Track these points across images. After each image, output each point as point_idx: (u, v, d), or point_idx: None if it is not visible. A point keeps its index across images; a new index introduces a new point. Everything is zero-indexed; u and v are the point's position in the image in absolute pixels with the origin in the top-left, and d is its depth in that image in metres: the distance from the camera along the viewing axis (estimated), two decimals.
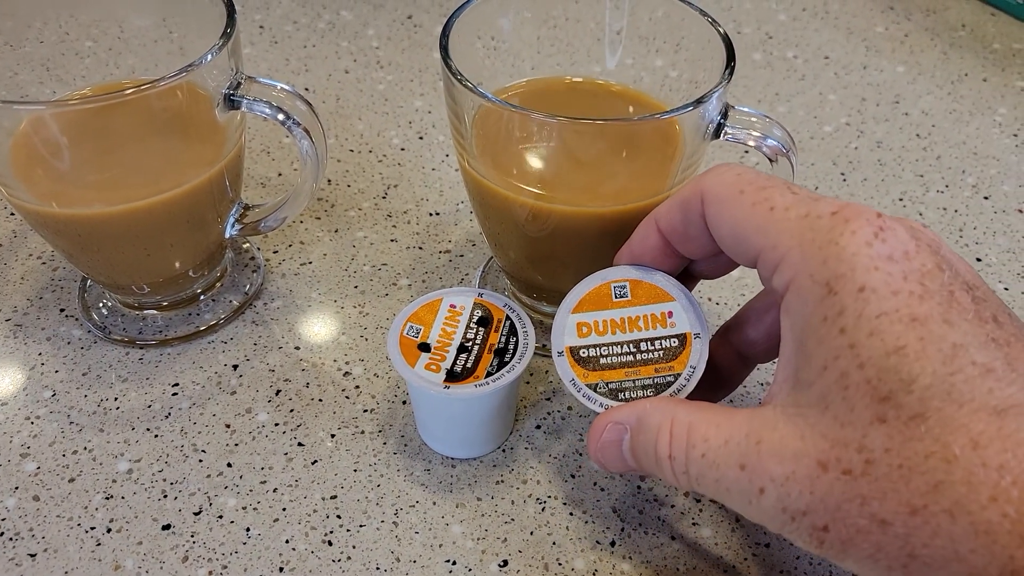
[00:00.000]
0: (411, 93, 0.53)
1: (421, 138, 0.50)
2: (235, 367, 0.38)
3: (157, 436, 0.35)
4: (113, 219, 0.34)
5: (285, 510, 0.33)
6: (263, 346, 0.39)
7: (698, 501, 0.34)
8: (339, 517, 0.33)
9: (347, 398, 0.37)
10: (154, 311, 0.40)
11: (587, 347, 0.30)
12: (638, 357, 0.30)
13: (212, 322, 0.39)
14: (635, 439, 0.27)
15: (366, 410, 0.36)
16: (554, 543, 0.32)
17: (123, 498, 0.33)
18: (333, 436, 0.35)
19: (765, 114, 0.33)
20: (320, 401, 0.37)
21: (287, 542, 0.32)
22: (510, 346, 0.32)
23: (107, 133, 0.33)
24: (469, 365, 0.32)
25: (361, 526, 0.32)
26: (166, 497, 0.33)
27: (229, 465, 0.34)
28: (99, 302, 0.40)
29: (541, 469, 0.35)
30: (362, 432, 0.36)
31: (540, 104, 0.37)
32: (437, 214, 0.45)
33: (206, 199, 0.36)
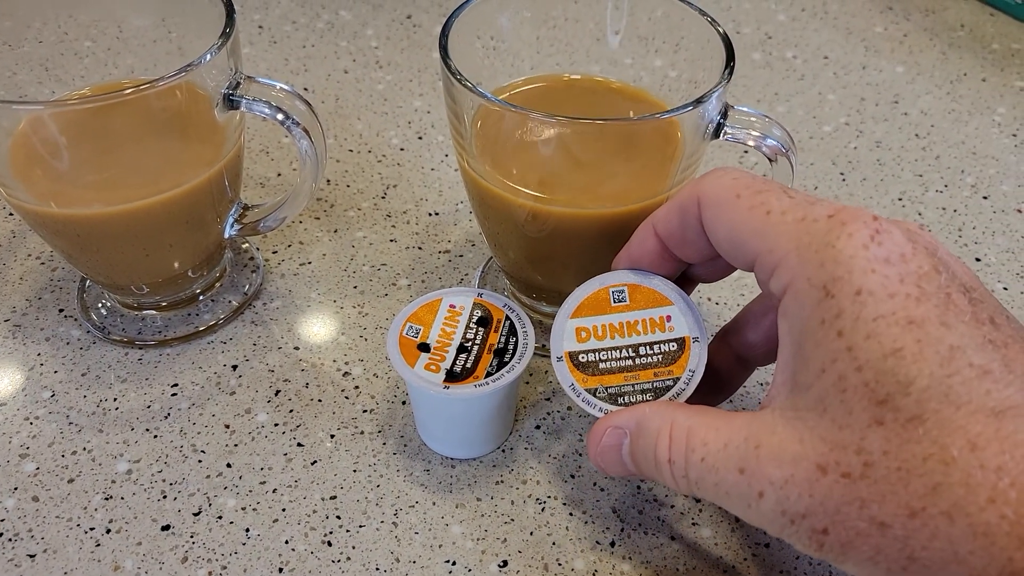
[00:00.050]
0: (410, 93, 0.53)
1: (420, 138, 0.50)
2: (234, 367, 0.38)
3: (156, 436, 0.35)
4: (112, 219, 0.34)
5: (285, 510, 0.33)
6: (262, 346, 0.39)
7: (698, 502, 0.34)
8: (339, 517, 0.33)
9: (346, 398, 0.37)
10: (153, 311, 0.40)
11: (586, 352, 0.30)
12: (637, 361, 0.30)
13: (211, 322, 0.39)
14: (635, 443, 0.27)
15: (366, 410, 0.36)
16: (554, 543, 0.32)
17: (122, 499, 0.33)
18: (333, 436, 0.35)
19: (765, 114, 0.33)
20: (319, 401, 0.37)
21: (287, 542, 0.32)
22: (510, 346, 0.32)
23: (106, 133, 0.33)
24: (469, 365, 0.32)
25: (361, 526, 0.33)
26: (165, 498, 0.33)
27: (228, 465, 0.34)
28: (98, 302, 0.40)
29: (541, 469, 0.35)
30: (362, 432, 0.36)
31: (540, 103, 0.37)
32: (436, 214, 0.45)
33: (205, 199, 0.36)
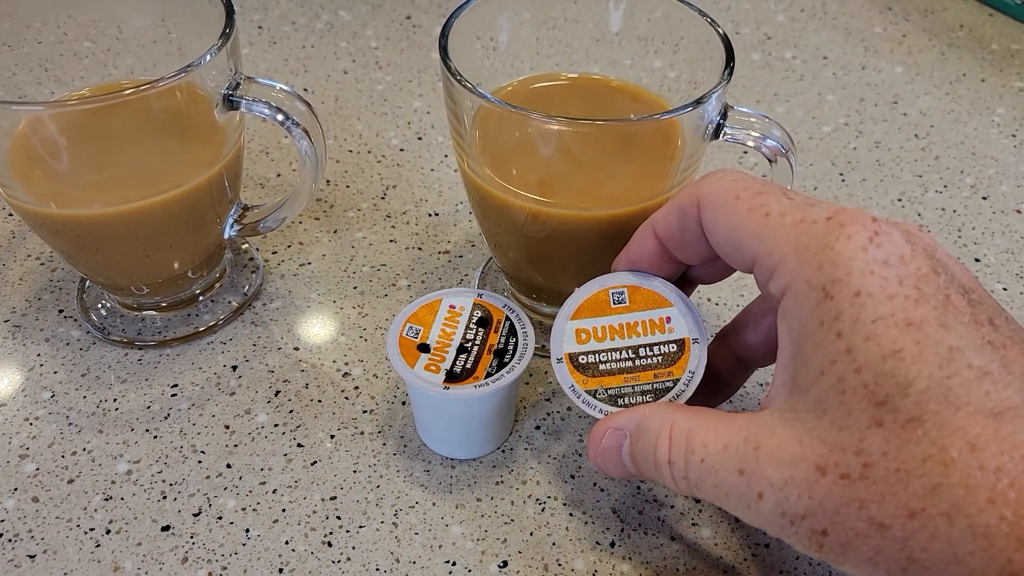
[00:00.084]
0: (410, 94, 0.53)
1: (420, 139, 0.50)
2: (234, 368, 0.38)
3: (156, 437, 0.35)
4: (112, 220, 0.34)
5: (285, 511, 0.33)
6: (262, 347, 0.39)
7: (697, 502, 0.34)
8: (339, 518, 0.33)
9: (346, 399, 0.37)
10: (153, 312, 0.40)
11: (586, 353, 0.30)
12: (637, 363, 0.30)
13: (211, 323, 0.39)
14: (635, 445, 0.27)
15: (365, 411, 0.36)
16: (554, 544, 0.32)
17: (122, 499, 0.33)
18: (332, 437, 0.35)
19: (764, 114, 0.33)
20: (319, 402, 0.37)
21: (287, 543, 0.32)
22: (509, 347, 0.32)
23: (106, 134, 0.33)
24: (469, 366, 0.32)
25: (361, 527, 0.33)
26: (165, 498, 0.33)
27: (228, 466, 0.34)
28: (98, 303, 0.40)
29: (541, 470, 0.35)
30: (361, 433, 0.36)
31: (540, 103, 0.37)
32: (436, 215, 0.45)
33: (205, 200, 0.36)
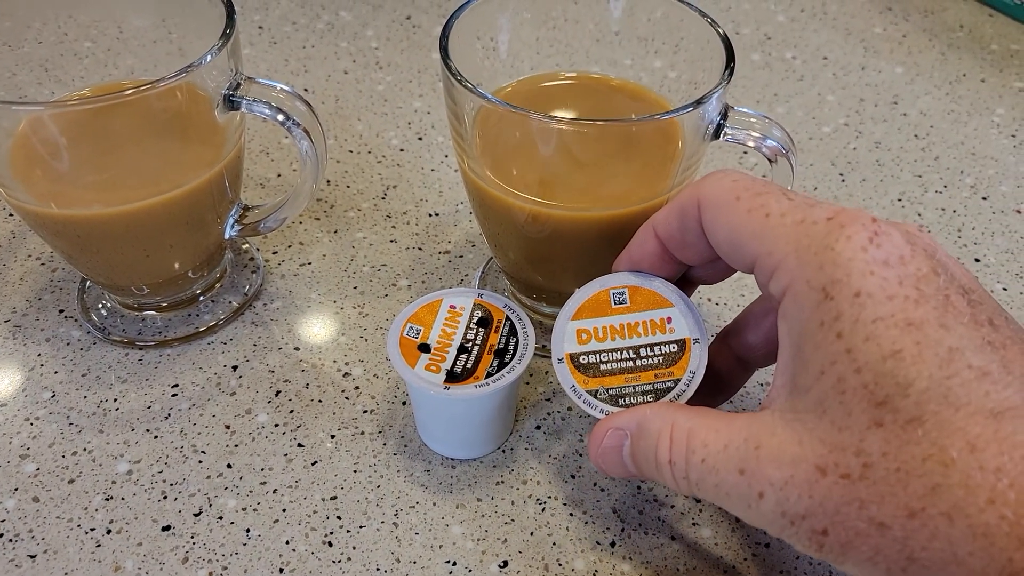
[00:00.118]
0: (410, 94, 0.53)
1: (420, 139, 0.50)
2: (235, 368, 0.38)
3: (157, 437, 0.35)
4: (112, 220, 0.34)
5: (285, 511, 0.33)
6: (263, 347, 0.39)
7: (698, 502, 0.34)
8: (339, 518, 0.33)
9: (347, 399, 0.37)
10: (153, 312, 0.40)
11: (587, 354, 0.30)
12: (638, 363, 0.30)
13: (211, 323, 0.39)
14: (635, 445, 0.27)
15: (366, 411, 0.36)
16: (554, 544, 0.32)
17: (123, 499, 0.33)
18: (333, 437, 0.35)
19: (764, 115, 0.33)
20: (320, 402, 0.37)
21: (287, 543, 0.32)
22: (510, 347, 0.32)
23: (106, 134, 0.33)
24: (469, 366, 0.32)
25: (361, 527, 0.33)
26: (166, 498, 0.33)
27: (229, 466, 0.34)
28: (98, 303, 0.40)
29: (541, 470, 0.35)
30: (362, 433, 0.36)
31: (540, 103, 0.37)
32: (436, 215, 0.45)
33: (205, 200, 0.36)
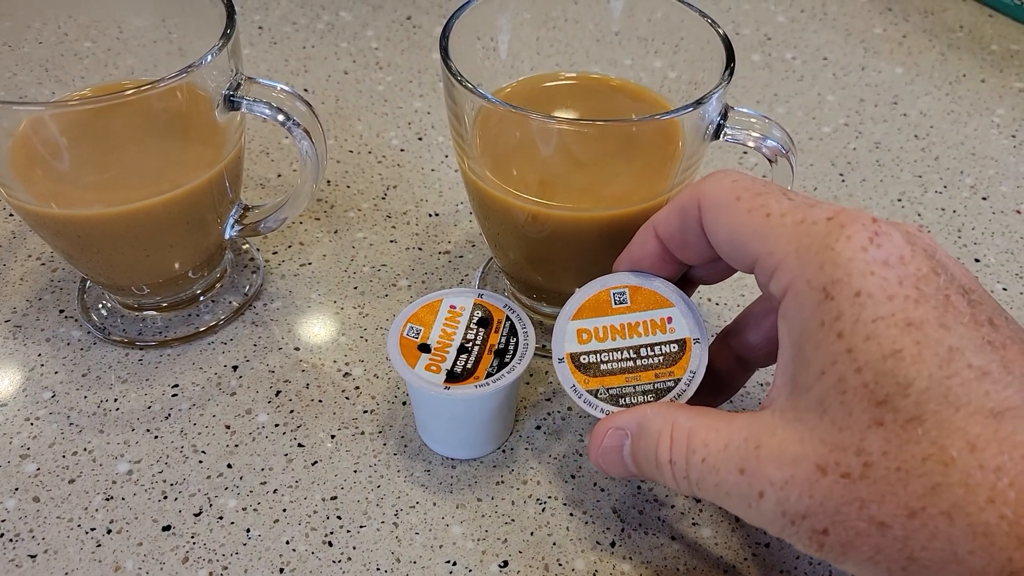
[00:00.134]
0: (410, 94, 0.53)
1: (420, 139, 0.50)
2: (235, 368, 0.38)
3: (157, 437, 0.35)
4: (112, 220, 0.34)
5: (285, 511, 0.33)
6: (263, 347, 0.39)
7: (698, 502, 0.34)
8: (339, 518, 0.33)
9: (347, 399, 0.37)
10: (154, 312, 0.40)
11: (587, 353, 0.30)
12: (638, 363, 0.30)
13: (212, 323, 0.39)
14: (636, 444, 0.27)
15: (366, 411, 0.36)
16: (554, 544, 0.32)
17: (123, 499, 0.33)
18: (333, 437, 0.35)
19: (764, 115, 0.33)
20: (320, 402, 0.37)
21: (287, 543, 0.32)
22: (510, 347, 0.32)
23: (107, 134, 0.33)
24: (469, 366, 0.32)
25: (361, 527, 0.33)
26: (166, 498, 0.33)
27: (229, 466, 0.34)
28: (98, 303, 0.40)
29: (541, 470, 0.35)
30: (362, 433, 0.36)
31: (540, 103, 0.37)
32: (436, 215, 0.45)
33: (206, 200, 0.36)
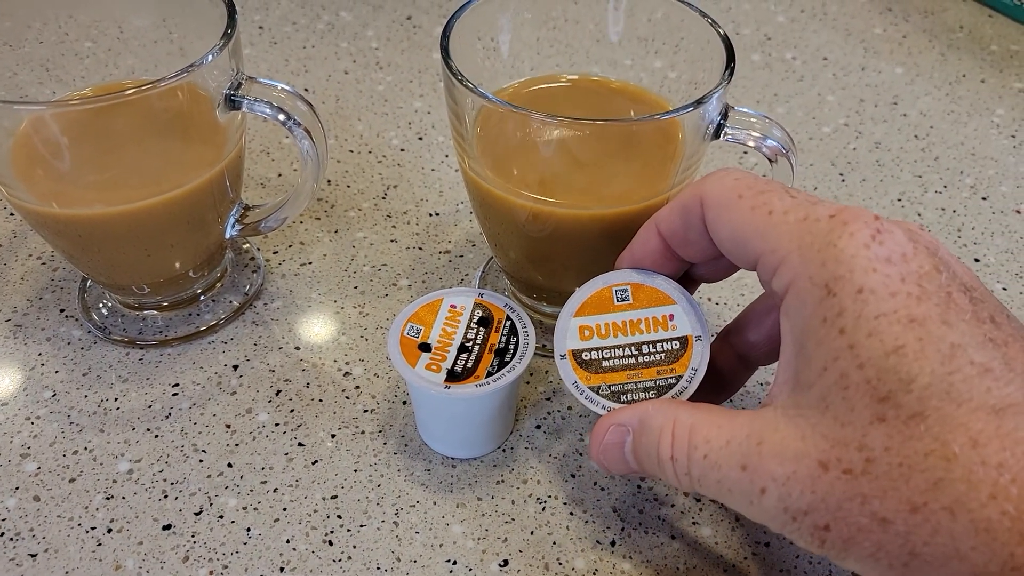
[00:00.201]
0: (410, 94, 0.53)
1: (421, 139, 0.50)
2: (235, 367, 0.38)
3: (157, 436, 0.35)
4: (113, 219, 0.34)
5: (286, 510, 0.33)
6: (263, 346, 0.39)
7: (698, 500, 0.34)
8: (339, 517, 0.33)
9: (347, 398, 0.37)
10: (154, 311, 0.40)
11: (589, 350, 0.30)
12: (640, 360, 0.30)
13: (212, 322, 0.39)
14: (637, 441, 0.27)
15: (366, 410, 0.36)
16: (554, 543, 0.32)
17: (124, 498, 0.33)
18: (333, 436, 0.35)
19: (765, 115, 0.33)
20: (320, 401, 0.37)
21: (288, 542, 0.32)
22: (510, 346, 0.32)
23: (108, 133, 0.33)
24: (470, 365, 0.32)
25: (362, 526, 0.33)
26: (167, 497, 0.33)
27: (229, 465, 0.34)
28: (99, 302, 0.40)
29: (541, 469, 0.35)
30: (362, 432, 0.36)
31: (540, 104, 0.37)
32: (437, 214, 0.45)
33: (206, 200, 0.36)
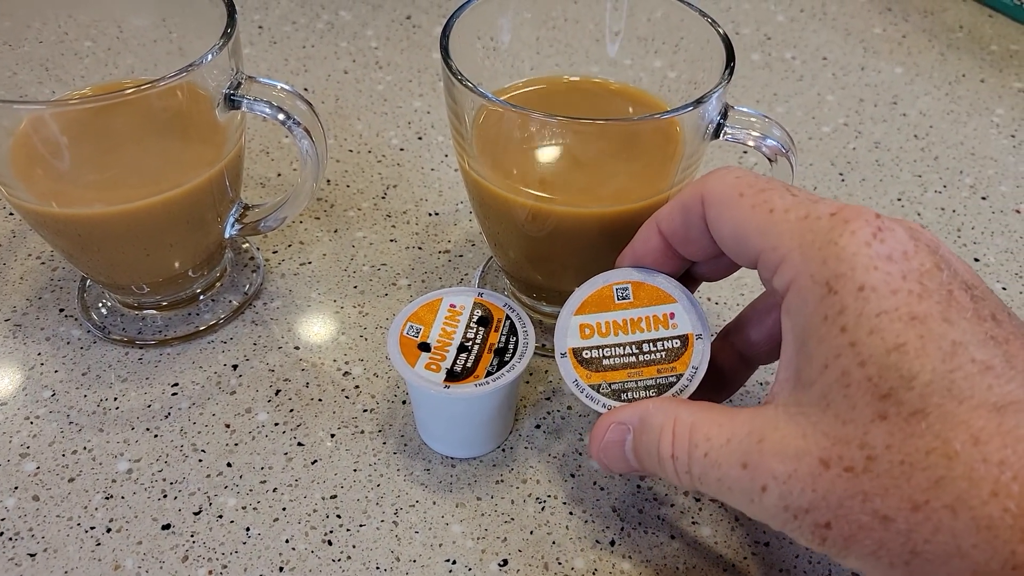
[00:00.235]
0: (410, 93, 0.53)
1: (420, 138, 0.50)
2: (235, 367, 0.38)
3: (157, 436, 0.35)
4: (113, 219, 0.34)
5: (285, 510, 0.33)
6: (263, 346, 0.39)
7: (698, 500, 0.34)
8: (339, 517, 0.33)
9: (347, 398, 0.37)
10: (154, 311, 0.40)
11: (590, 348, 0.30)
12: (640, 358, 0.30)
13: (212, 322, 0.39)
14: (638, 439, 0.27)
15: (366, 410, 0.36)
16: (554, 542, 0.32)
17: (123, 498, 0.33)
18: (333, 436, 0.35)
19: (764, 114, 0.33)
20: (320, 401, 0.37)
21: (287, 542, 0.32)
22: (510, 346, 0.32)
23: (107, 133, 0.33)
24: (469, 365, 0.32)
25: (361, 526, 0.32)
26: (166, 497, 0.33)
27: (229, 465, 0.34)
28: (98, 302, 0.40)
29: (541, 469, 0.35)
30: (362, 432, 0.36)
31: (540, 104, 0.37)
32: (436, 214, 0.45)
33: (206, 199, 0.36)
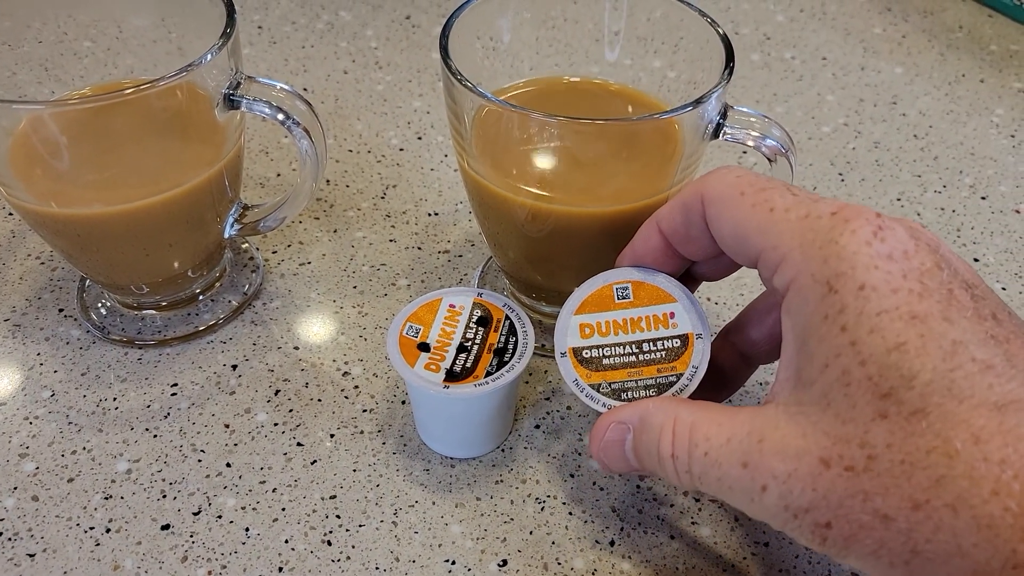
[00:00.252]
0: (410, 93, 0.53)
1: (420, 138, 0.50)
2: (234, 367, 0.38)
3: (156, 436, 0.35)
4: (112, 219, 0.34)
5: (284, 510, 0.33)
6: (262, 346, 0.39)
7: (697, 500, 0.34)
8: (338, 517, 0.33)
9: (346, 398, 0.37)
10: (153, 311, 0.40)
11: (590, 348, 0.30)
12: (640, 357, 0.30)
13: (211, 322, 0.39)
14: (638, 439, 0.27)
15: (365, 410, 0.36)
16: (553, 543, 0.32)
17: (122, 498, 0.33)
18: (332, 436, 0.35)
19: (764, 114, 0.33)
20: (319, 401, 0.37)
21: (286, 542, 0.32)
22: (509, 346, 0.32)
23: (106, 133, 0.33)
24: (468, 365, 0.32)
25: (360, 526, 0.32)
26: (165, 497, 0.33)
27: (228, 465, 0.34)
28: (98, 302, 0.40)
29: (540, 469, 0.35)
30: (361, 432, 0.35)
31: (540, 104, 0.37)
32: (436, 214, 0.45)
33: (205, 199, 0.36)
